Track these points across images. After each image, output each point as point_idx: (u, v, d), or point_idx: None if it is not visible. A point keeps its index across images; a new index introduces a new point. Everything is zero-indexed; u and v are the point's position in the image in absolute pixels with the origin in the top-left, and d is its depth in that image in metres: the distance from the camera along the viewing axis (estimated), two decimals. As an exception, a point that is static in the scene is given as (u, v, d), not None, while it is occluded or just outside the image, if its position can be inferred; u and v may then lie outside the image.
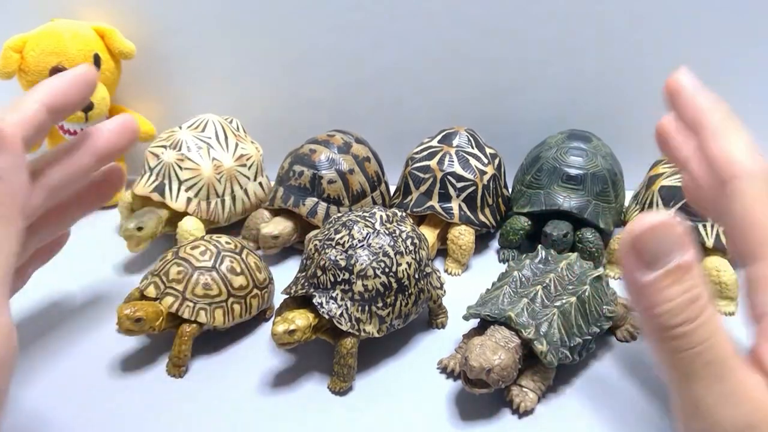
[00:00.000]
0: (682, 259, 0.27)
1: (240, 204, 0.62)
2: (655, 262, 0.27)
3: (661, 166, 0.61)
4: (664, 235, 0.27)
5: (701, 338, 0.27)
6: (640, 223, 0.27)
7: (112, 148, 0.39)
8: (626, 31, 0.66)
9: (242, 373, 0.46)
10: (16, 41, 0.62)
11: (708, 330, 0.27)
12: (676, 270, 0.27)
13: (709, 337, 0.27)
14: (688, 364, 0.27)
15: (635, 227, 0.27)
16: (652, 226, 0.27)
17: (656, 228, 0.27)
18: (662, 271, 0.27)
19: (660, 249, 0.27)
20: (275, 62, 0.70)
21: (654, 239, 0.27)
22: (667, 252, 0.27)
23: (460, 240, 0.58)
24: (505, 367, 0.40)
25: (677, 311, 0.27)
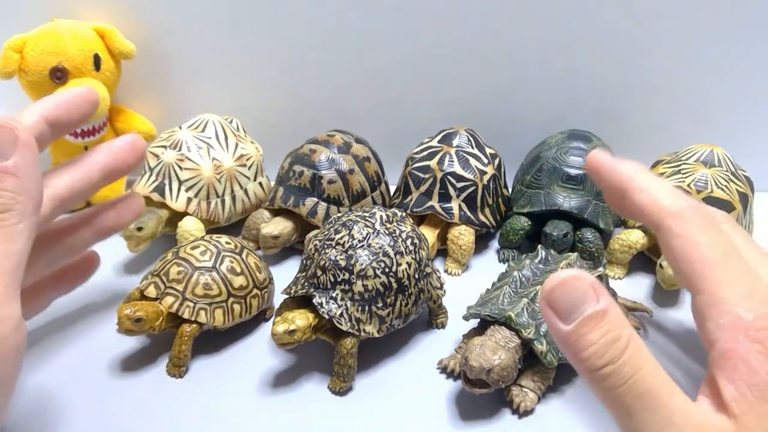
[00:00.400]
0: (595, 307, 0.30)
1: (240, 204, 0.62)
2: (571, 314, 0.30)
3: (661, 166, 0.61)
4: (574, 288, 0.30)
5: (628, 375, 0.29)
6: (552, 280, 0.30)
7: (120, 164, 0.41)
8: (626, 31, 0.66)
9: (242, 373, 0.46)
10: (16, 41, 0.62)
11: (633, 366, 0.29)
12: (591, 318, 0.30)
13: (635, 372, 0.29)
14: (621, 401, 0.29)
15: (547, 285, 0.30)
16: (562, 281, 0.30)
17: (566, 283, 0.30)
18: (578, 321, 0.30)
19: (572, 301, 0.30)
20: (275, 62, 0.70)
21: (565, 294, 0.30)
22: (580, 303, 0.30)
23: (460, 240, 0.58)
24: (505, 367, 0.40)
25: (600, 354, 0.29)
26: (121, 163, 0.42)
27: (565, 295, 0.31)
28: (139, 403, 0.43)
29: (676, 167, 0.59)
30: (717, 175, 0.57)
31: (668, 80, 0.69)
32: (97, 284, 0.55)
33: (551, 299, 0.31)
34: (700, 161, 0.59)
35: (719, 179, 0.56)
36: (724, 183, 0.56)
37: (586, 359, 0.30)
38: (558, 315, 0.31)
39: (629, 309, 0.51)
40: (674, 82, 0.69)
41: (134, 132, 0.69)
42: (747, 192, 0.58)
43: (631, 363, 0.29)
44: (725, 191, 0.56)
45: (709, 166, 0.58)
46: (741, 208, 0.56)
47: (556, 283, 0.31)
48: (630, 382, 0.29)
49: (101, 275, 0.52)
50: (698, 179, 0.56)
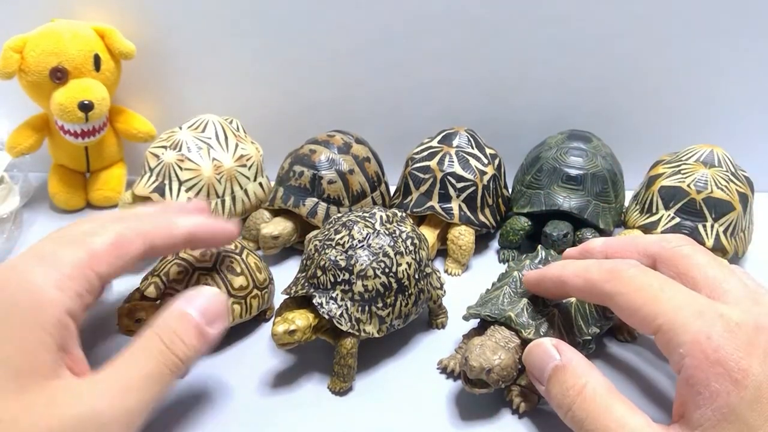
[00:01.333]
0: (555, 363, 0.37)
1: (240, 204, 0.62)
2: (542, 375, 0.38)
3: (661, 166, 0.61)
4: (536, 354, 0.39)
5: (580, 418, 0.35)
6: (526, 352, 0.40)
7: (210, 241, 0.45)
8: (626, 31, 0.66)
9: (242, 373, 0.46)
10: (16, 41, 0.62)
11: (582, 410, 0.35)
12: (553, 374, 0.37)
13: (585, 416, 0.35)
14: None
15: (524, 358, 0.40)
16: (527, 352, 0.40)
17: (530, 352, 0.39)
18: (545, 383, 0.38)
19: (538, 366, 0.38)
20: (275, 62, 0.70)
21: (531, 360, 0.39)
22: (544, 365, 0.38)
23: (460, 240, 0.58)
24: (505, 367, 0.40)
25: (560, 404, 0.36)
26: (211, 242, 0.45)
27: (531, 361, 0.39)
28: (139, 403, 0.43)
29: (676, 167, 0.59)
30: (717, 175, 0.57)
31: (668, 80, 0.69)
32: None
33: (528, 368, 0.40)
34: (700, 161, 0.59)
35: (719, 179, 0.56)
36: (724, 183, 0.56)
37: (557, 409, 0.37)
38: (536, 379, 0.39)
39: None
40: (674, 82, 0.69)
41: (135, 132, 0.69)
42: (747, 192, 0.58)
43: (581, 408, 0.35)
44: (725, 191, 0.56)
45: (709, 166, 0.58)
46: (741, 208, 0.56)
47: (525, 354, 0.40)
48: (583, 423, 0.35)
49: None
50: (698, 179, 0.56)
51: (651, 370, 0.47)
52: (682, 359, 0.33)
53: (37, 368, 0.31)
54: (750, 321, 0.33)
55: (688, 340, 0.33)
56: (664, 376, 0.46)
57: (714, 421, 0.31)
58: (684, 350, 0.33)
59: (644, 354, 0.48)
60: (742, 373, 0.31)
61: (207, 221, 0.43)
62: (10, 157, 0.67)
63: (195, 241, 0.42)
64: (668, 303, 0.34)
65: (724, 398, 0.31)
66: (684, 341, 0.33)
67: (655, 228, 0.56)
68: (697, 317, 0.33)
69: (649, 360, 0.48)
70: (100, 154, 0.69)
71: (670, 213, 0.57)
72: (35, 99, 0.65)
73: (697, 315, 0.33)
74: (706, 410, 0.32)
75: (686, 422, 0.33)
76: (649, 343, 0.49)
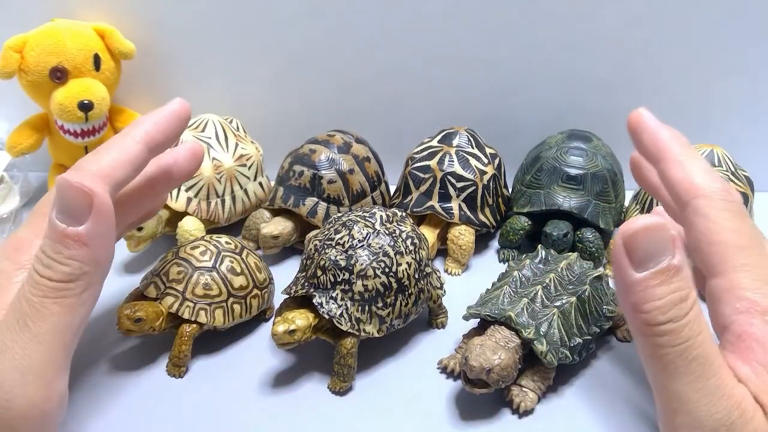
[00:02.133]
0: (672, 261, 0.29)
1: (240, 204, 0.62)
2: (646, 262, 0.29)
3: (661, 166, 0.61)
4: (656, 236, 0.29)
5: (686, 336, 0.28)
6: (634, 223, 0.29)
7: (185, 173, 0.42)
8: (626, 31, 0.66)
9: (242, 373, 0.46)
10: (16, 41, 0.62)
11: (693, 329, 0.29)
12: (666, 270, 0.29)
13: (693, 335, 0.28)
14: (672, 361, 0.29)
15: (629, 227, 0.29)
16: (646, 227, 0.29)
17: (649, 229, 0.29)
18: (652, 270, 0.29)
19: (651, 250, 0.29)
20: (275, 62, 0.70)
21: (646, 240, 0.29)
22: (658, 253, 0.29)
23: (460, 240, 0.58)
24: (505, 367, 0.40)
25: (664, 309, 0.28)
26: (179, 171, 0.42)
27: (645, 242, 0.29)
28: (139, 403, 0.43)
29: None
30: None
31: (668, 80, 0.69)
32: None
33: (630, 243, 0.29)
34: (700, 161, 0.59)
35: (719, 179, 0.56)
36: (724, 183, 0.56)
37: (648, 312, 0.29)
38: (631, 260, 0.29)
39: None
40: (674, 82, 0.69)
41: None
42: (747, 192, 0.58)
43: (692, 326, 0.29)
44: (725, 191, 0.56)
45: (709, 166, 0.58)
46: (741, 208, 0.56)
47: (639, 227, 0.29)
48: (687, 344, 0.28)
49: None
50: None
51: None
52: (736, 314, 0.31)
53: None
54: None
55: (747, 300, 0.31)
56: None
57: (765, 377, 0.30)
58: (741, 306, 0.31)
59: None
60: None
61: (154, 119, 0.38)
62: (10, 156, 0.67)
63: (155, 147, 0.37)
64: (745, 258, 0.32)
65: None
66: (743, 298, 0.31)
67: (655, 228, 0.56)
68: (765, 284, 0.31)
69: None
70: (100, 154, 0.69)
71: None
72: (35, 99, 0.65)
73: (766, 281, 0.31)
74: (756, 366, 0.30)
75: None
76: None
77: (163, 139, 0.37)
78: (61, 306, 0.31)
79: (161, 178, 0.42)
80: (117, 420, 0.41)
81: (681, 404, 0.29)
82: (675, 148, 0.36)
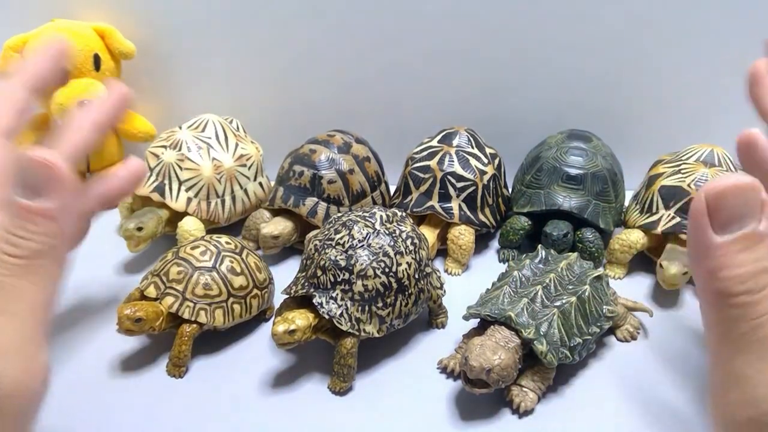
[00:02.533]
0: (758, 227, 0.26)
1: (240, 204, 0.62)
2: (730, 224, 0.26)
3: (661, 166, 0.61)
4: (747, 197, 0.26)
5: (760, 312, 0.26)
6: (723, 181, 0.26)
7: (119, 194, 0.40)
8: (626, 31, 0.66)
9: (242, 373, 0.46)
10: (16, 41, 0.62)
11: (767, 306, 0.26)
12: (751, 236, 0.26)
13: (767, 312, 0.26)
14: (742, 336, 0.26)
15: (716, 185, 0.26)
16: (737, 185, 0.25)
17: (740, 188, 0.26)
18: (737, 234, 0.26)
19: (738, 212, 0.26)
20: (275, 62, 0.70)
21: (735, 200, 0.26)
22: (745, 216, 0.26)
23: (460, 240, 0.58)
24: (505, 367, 0.40)
25: (744, 279, 0.26)
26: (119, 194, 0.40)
27: (733, 202, 0.26)
28: (139, 403, 0.43)
29: (676, 167, 0.59)
30: (717, 175, 0.56)
31: (669, 80, 0.69)
32: (97, 284, 0.55)
33: (716, 202, 0.26)
34: (700, 161, 0.59)
35: (719, 179, 0.56)
36: (724, 183, 0.56)
37: (726, 279, 0.26)
38: (713, 221, 0.26)
39: (629, 309, 0.51)
40: (675, 82, 0.69)
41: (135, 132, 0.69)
42: (747, 192, 0.57)
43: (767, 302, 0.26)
44: (725, 191, 0.56)
45: (709, 166, 0.58)
46: (741, 208, 0.56)
47: (730, 185, 0.26)
48: (759, 321, 0.26)
49: (101, 275, 0.53)
50: (698, 179, 0.56)
51: (651, 369, 0.47)
52: None
53: None
54: None
55: None
56: (664, 375, 0.46)
57: None
58: None
59: (644, 354, 0.48)
60: None
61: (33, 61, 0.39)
62: (10, 157, 0.67)
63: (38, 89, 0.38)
64: None
65: None
66: None
67: (655, 227, 0.56)
68: None
69: (649, 359, 0.48)
70: (100, 154, 0.69)
71: (670, 212, 0.56)
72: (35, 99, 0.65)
73: None
74: None
75: None
76: (649, 342, 0.49)
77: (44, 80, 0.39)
78: (33, 283, 0.30)
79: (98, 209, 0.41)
80: (117, 420, 0.41)
81: (738, 381, 0.27)
82: None
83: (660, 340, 0.50)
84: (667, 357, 0.48)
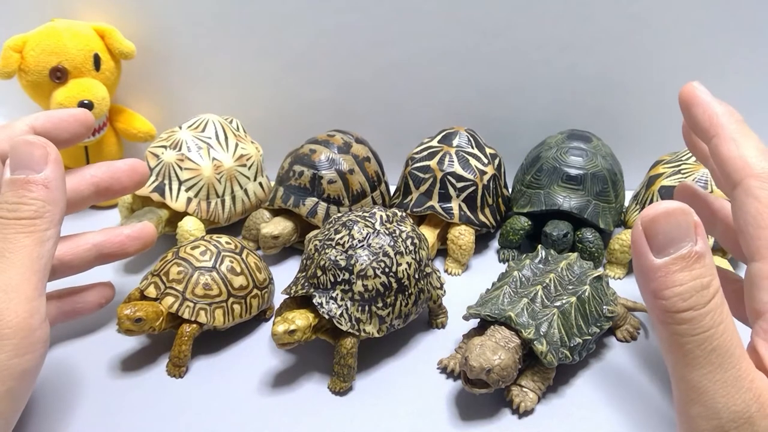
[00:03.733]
0: (693, 247, 0.28)
1: (240, 204, 0.62)
2: (667, 247, 0.28)
3: (661, 166, 0.61)
4: (678, 221, 0.28)
5: (707, 326, 0.27)
6: (656, 207, 0.28)
7: (115, 184, 0.45)
8: (626, 31, 0.66)
9: (242, 373, 0.46)
10: (16, 41, 0.62)
11: (714, 318, 0.28)
12: (687, 256, 0.28)
13: (714, 325, 0.27)
14: (692, 350, 0.28)
15: (649, 212, 0.28)
16: (668, 211, 0.28)
17: (670, 214, 0.28)
18: (674, 255, 0.28)
19: (673, 234, 0.28)
20: (275, 62, 0.70)
21: (667, 225, 0.28)
22: (679, 238, 0.28)
23: (460, 240, 0.58)
24: (505, 367, 0.40)
25: (685, 296, 0.27)
26: (116, 183, 0.45)
27: (666, 227, 0.28)
28: (139, 403, 0.43)
29: (676, 167, 0.59)
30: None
31: (668, 80, 0.69)
32: (97, 284, 0.55)
33: (650, 228, 0.29)
34: (700, 161, 0.59)
35: (719, 179, 0.56)
36: (724, 183, 0.56)
37: (668, 298, 0.28)
38: (651, 245, 0.29)
39: (629, 309, 0.51)
40: (674, 82, 0.69)
41: (135, 132, 0.69)
42: (747, 192, 0.57)
43: (714, 315, 0.28)
44: (725, 191, 0.56)
45: (709, 166, 0.58)
46: (741, 208, 0.56)
47: (660, 212, 0.28)
48: (707, 333, 0.27)
49: (101, 275, 0.53)
50: (698, 179, 0.56)
51: (651, 369, 0.47)
52: None
53: None
54: None
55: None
56: (664, 375, 0.46)
57: None
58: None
59: (644, 354, 0.48)
60: None
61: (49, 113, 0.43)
62: (10, 156, 0.67)
63: (38, 130, 0.42)
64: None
65: None
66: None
67: (655, 228, 0.56)
68: None
69: (649, 360, 0.48)
70: (100, 154, 0.69)
71: None
72: (35, 99, 0.65)
73: None
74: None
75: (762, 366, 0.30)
76: (648, 343, 0.49)
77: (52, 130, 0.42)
78: (31, 239, 0.35)
79: (91, 195, 0.45)
80: (117, 420, 0.41)
81: (698, 395, 0.28)
82: (729, 124, 0.35)
83: (660, 340, 0.50)
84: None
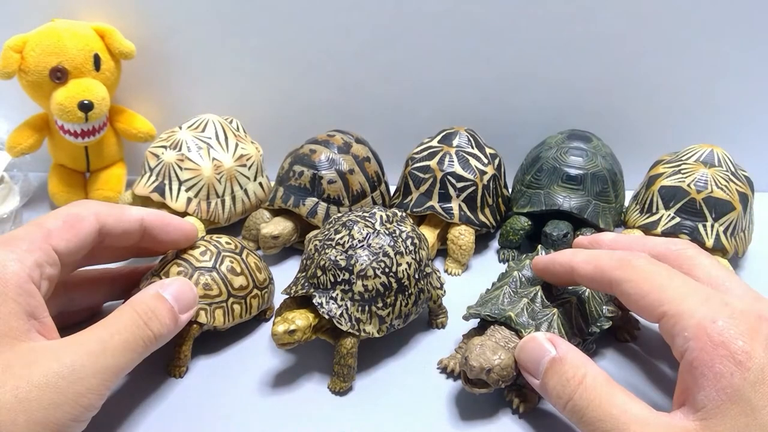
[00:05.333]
0: (551, 356, 0.38)
1: (240, 204, 0.62)
2: (537, 369, 0.38)
3: (661, 166, 0.61)
4: (532, 349, 0.39)
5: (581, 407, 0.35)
6: (518, 347, 0.40)
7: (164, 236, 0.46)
8: (626, 31, 0.66)
9: (242, 373, 0.46)
10: (16, 41, 0.62)
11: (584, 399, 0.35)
12: (550, 366, 0.37)
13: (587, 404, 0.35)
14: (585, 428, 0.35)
15: (518, 348, 0.41)
16: (521, 347, 0.40)
17: (524, 347, 0.40)
18: (541, 377, 0.38)
19: (534, 359, 0.39)
20: (275, 62, 0.70)
21: (526, 355, 0.39)
22: (539, 359, 0.38)
23: (460, 240, 0.58)
24: (505, 367, 0.40)
25: (559, 395, 0.36)
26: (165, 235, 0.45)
27: (526, 356, 0.39)
28: (139, 403, 0.43)
29: (676, 167, 0.59)
30: (717, 175, 0.57)
31: (668, 80, 0.69)
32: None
33: (521, 363, 0.40)
34: (700, 161, 0.59)
35: (719, 179, 0.56)
36: (724, 183, 0.56)
37: (555, 401, 0.37)
38: (530, 373, 0.39)
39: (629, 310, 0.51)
40: (674, 82, 0.69)
41: (135, 132, 0.69)
42: (747, 192, 0.58)
43: (583, 397, 0.35)
44: (725, 191, 0.56)
45: (709, 166, 0.58)
46: (741, 208, 0.56)
47: (518, 349, 0.40)
48: (585, 412, 0.35)
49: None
50: (698, 179, 0.56)
51: (651, 370, 0.47)
52: (686, 342, 0.33)
53: (8, 332, 0.33)
54: (753, 311, 0.34)
55: (693, 324, 0.33)
56: (664, 376, 0.46)
57: (718, 402, 0.31)
58: (689, 333, 0.33)
59: (644, 354, 0.48)
60: (745, 355, 0.32)
61: (162, 214, 0.46)
62: (10, 156, 0.67)
63: (148, 229, 0.44)
64: (675, 291, 0.35)
65: (727, 379, 0.31)
66: (689, 325, 0.33)
67: (655, 228, 0.56)
68: (702, 303, 0.34)
69: (648, 360, 0.48)
70: (100, 154, 0.69)
71: (671, 213, 0.57)
72: (35, 99, 0.65)
73: (703, 301, 0.34)
74: (710, 391, 0.32)
75: (690, 406, 0.33)
76: (648, 343, 0.49)
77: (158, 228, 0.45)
78: None
79: None
80: (117, 420, 0.41)
81: None
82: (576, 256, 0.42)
83: (659, 341, 0.49)
84: (666, 357, 0.48)
